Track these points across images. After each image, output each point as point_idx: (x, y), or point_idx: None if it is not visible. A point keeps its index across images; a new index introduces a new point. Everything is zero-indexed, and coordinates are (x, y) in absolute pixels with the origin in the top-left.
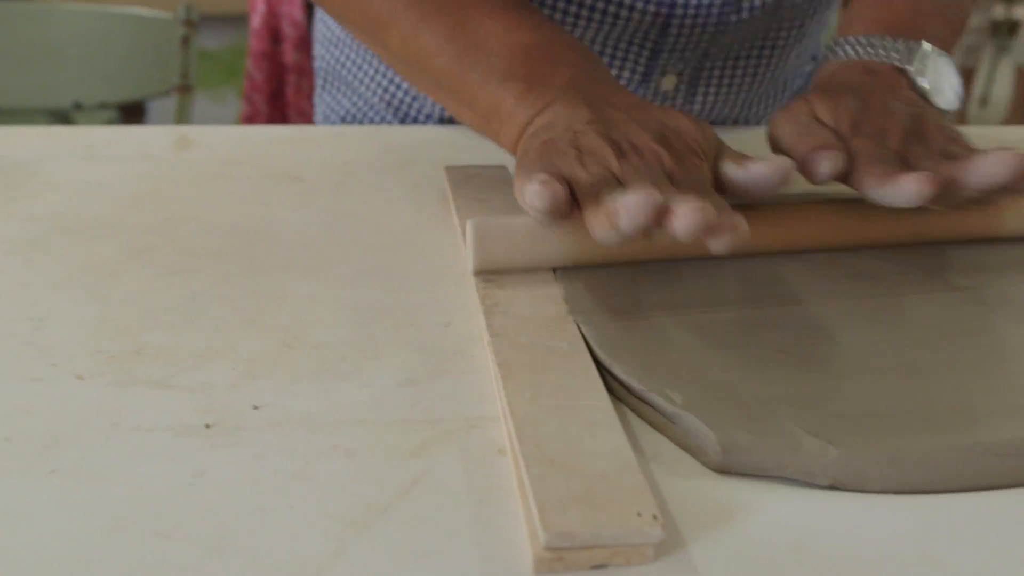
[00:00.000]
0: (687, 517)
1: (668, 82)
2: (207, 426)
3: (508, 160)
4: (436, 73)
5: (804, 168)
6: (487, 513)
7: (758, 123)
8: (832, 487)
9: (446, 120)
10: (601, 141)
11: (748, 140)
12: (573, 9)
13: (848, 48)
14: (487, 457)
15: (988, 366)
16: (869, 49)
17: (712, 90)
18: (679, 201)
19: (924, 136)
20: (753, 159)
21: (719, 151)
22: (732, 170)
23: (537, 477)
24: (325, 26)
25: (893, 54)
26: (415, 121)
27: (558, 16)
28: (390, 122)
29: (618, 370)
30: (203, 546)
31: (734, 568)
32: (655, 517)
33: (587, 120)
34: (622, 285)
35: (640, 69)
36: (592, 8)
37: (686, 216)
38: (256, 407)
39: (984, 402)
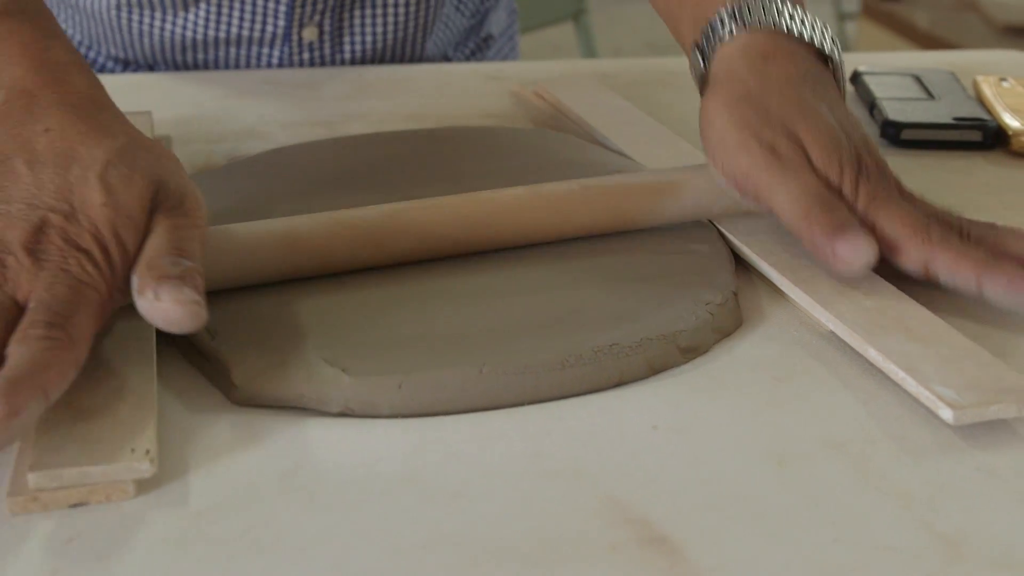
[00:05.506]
0: (194, 451)
1: (310, 33)
2: None
3: None
4: None
5: (821, 254)
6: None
7: (433, 53)
8: (344, 414)
9: None
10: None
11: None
12: None
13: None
14: None
15: (532, 291)
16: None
17: (358, 35)
18: None
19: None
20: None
21: (169, 208)
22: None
23: (45, 420)
24: None
25: (798, 25)
26: None
27: None
28: None
29: None
30: None
31: (211, 497)
32: (147, 452)
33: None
34: None
35: (280, 23)
36: None
37: None
38: None
39: (508, 326)
